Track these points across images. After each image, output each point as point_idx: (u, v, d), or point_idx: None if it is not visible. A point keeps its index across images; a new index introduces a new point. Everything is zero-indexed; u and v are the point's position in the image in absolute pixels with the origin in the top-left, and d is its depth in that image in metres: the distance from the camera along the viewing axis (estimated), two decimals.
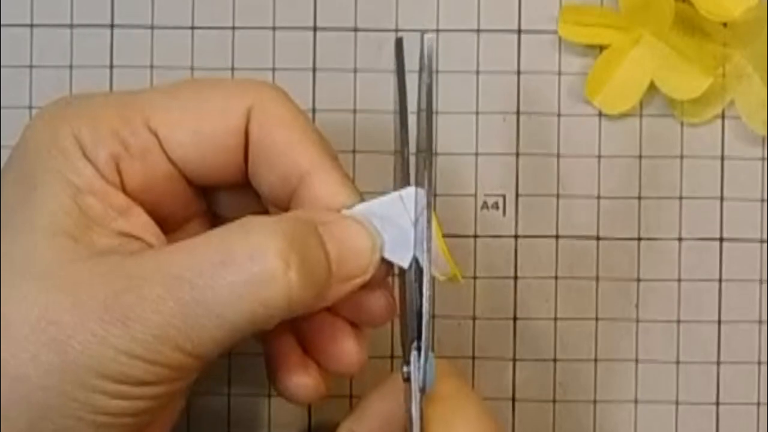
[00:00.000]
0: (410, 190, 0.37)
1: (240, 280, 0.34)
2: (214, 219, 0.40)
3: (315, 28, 0.46)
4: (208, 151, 0.37)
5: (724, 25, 0.45)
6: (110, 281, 0.34)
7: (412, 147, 0.38)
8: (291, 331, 0.39)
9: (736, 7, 0.44)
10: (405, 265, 0.37)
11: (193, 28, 0.46)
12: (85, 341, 0.34)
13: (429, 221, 0.36)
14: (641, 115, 0.46)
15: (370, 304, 0.38)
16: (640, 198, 0.46)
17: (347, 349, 0.38)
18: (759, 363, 0.46)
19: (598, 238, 0.46)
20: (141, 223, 0.37)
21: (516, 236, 0.46)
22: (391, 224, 0.37)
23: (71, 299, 0.34)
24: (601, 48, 0.46)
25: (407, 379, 0.36)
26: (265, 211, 0.40)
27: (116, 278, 0.34)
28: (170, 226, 0.39)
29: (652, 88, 0.45)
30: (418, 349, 0.36)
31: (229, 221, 0.36)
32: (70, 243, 0.35)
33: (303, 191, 0.37)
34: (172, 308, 0.34)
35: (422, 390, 0.36)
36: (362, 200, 0.38)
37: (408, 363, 0.36)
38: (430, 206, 0.37)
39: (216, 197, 0.40)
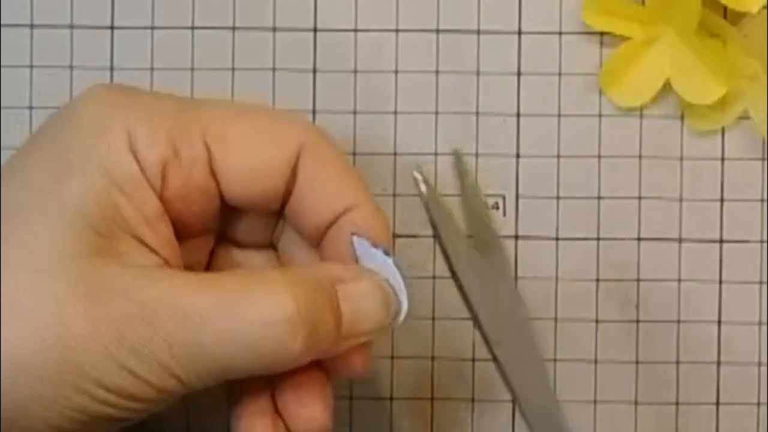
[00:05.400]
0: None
1: (247, 338, 0.35)
2: (220, 238, 0.41)
3: (315, 29, 0.46)
4: (255, 174, 0.38)
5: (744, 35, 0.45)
6: (125, 303, 0.35)
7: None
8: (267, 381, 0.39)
9: None
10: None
11: (193, 28, 0.46)
12: (94, 353, 0.34)
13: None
14: (641, 116, 0.46)
15: (349, 355, 0.38)
16: (640, 198, 0.46)
17: (314, 414, 0.38)
18: (759, 364, 0.46)
19: (598, 239, 0.46)
20: (163, 237, 0.37)
21: (516, 237, 0.46)
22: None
23: (86, 308, 0.35)
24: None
25: None
26: (271, 244, 0.41)
27: (131, 302, 0.35)
28: (181, 237, 0.39)
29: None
30: None
31: (234, 245, 0.39)
32: (93, 237, 0.35)
33: (346, 223, 0.38)
34: (179, 345, 0.35)
35: None
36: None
37: None
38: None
39: (233, 219, 0.40)
